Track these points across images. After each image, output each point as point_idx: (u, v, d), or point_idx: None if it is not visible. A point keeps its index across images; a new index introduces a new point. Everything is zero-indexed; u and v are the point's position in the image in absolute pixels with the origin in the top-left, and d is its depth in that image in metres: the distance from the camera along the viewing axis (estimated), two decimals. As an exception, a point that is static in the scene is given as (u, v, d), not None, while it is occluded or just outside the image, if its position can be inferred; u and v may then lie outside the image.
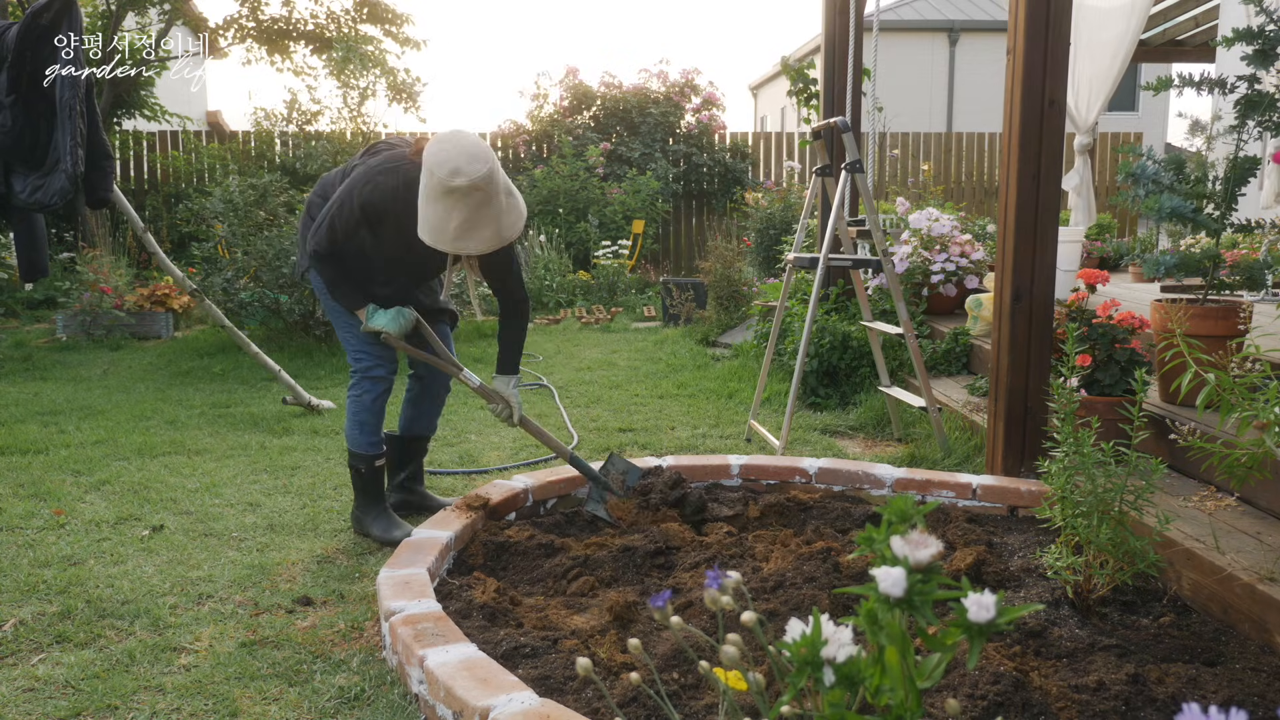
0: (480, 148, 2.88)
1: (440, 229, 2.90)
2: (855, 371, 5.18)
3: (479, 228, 2.90)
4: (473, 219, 2.88)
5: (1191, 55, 10.28)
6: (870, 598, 1.09)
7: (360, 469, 3.27)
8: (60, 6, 4.12)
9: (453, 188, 2.81)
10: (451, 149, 2.84)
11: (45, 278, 5.83)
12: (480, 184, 2.83)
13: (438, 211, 2.88)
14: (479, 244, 2.94)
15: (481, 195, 2.85)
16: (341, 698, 2.18)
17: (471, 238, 2.91)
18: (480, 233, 2.91)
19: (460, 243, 2.92)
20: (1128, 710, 1.93)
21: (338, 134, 10.68)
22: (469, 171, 2.81)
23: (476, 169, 2.82)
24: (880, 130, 7.66)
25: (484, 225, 2.90)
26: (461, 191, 2.82)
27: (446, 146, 2.85)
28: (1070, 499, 2.37)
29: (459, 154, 2.83)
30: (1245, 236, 6.02)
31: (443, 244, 2.93)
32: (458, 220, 2.87)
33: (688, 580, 2.58)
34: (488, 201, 2.87)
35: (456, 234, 2.89)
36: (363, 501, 3.28)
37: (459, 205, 2.85)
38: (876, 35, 5.48)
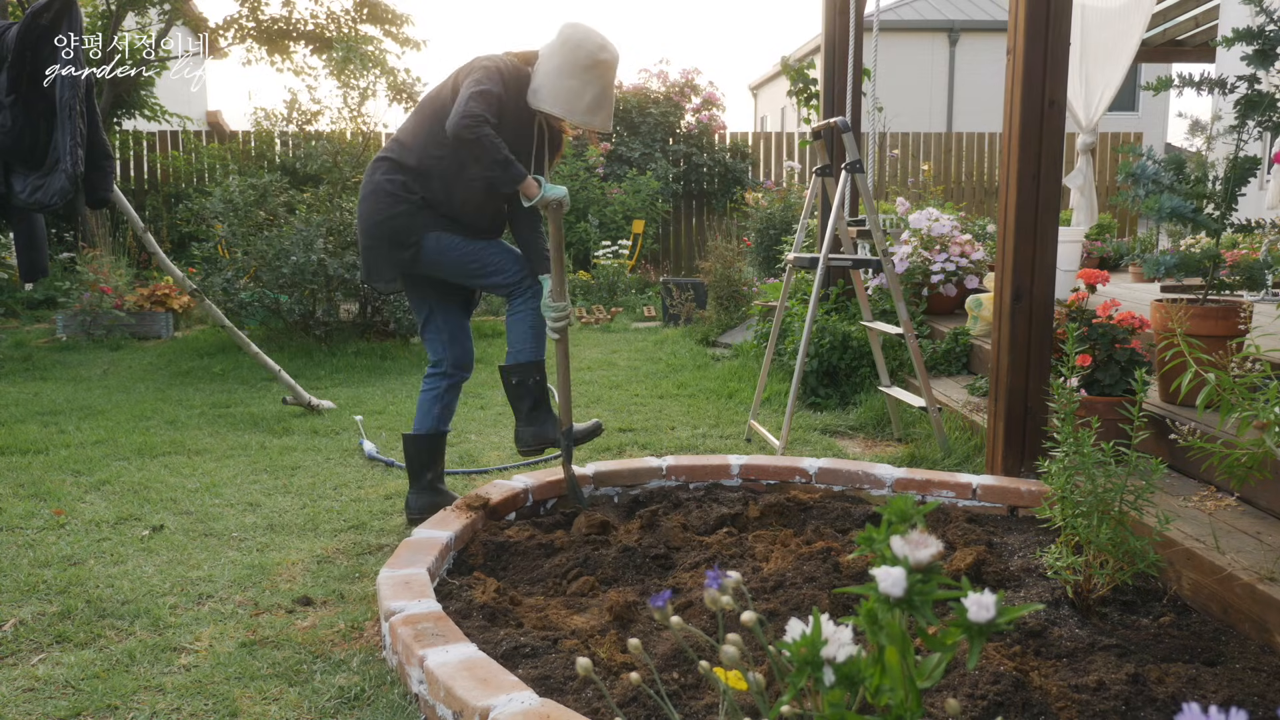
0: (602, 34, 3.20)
1: (574, 101, 3.15)
2: (855, 371, 5.18)
3: (604, 105, 3.20)
4: (603, 96, 3.18)
5: (1191, 55, 10.28)
6: (870, 598, 1.09)
7: (537, 378, 3.31)
8: (60, 6, 4.12)
9: (600, 59, 3.13)
10: (591, 31, 3.17)
11: (45, 278, 5.83)
12: (616, 63, 3.18)
13: (573, 86, 3.14)
14: (603, 120, 3.22)
15: (614, 75, 3.20)
16: (341, 698, 2.18)
17: (599, 114, 3.20)
18: (604, 110, 3.21)
19: (590, 116, 3.19)
20: (1128, 710, 1.93)
21: (338, 134, 10.67)
22: (612, 49, 3.16)
23: (616, 49, 3.18)
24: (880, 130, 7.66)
25: (607, 104, 3.21)
26: (605, 65, 3.14)
27: (585, 29, 3.17)
28: (1070, 499, 2.37)
29: (599, 34, 3.17)
30: (1245, 236, 6.02)
31: (575, 114, 3.17)
32: (592, 94, 3.16)
33: (688, 580, 2.58)
34: (612, 85, 3.21)
35: (589, 107, 3.17)
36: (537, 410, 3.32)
37: (597, 79, 3.15)
38: (876, 35, 5.48)
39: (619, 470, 3.48)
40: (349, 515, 3.44)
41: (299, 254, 6.62)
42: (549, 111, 3.17)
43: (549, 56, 3.18)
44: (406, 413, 5.06)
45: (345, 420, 4.88)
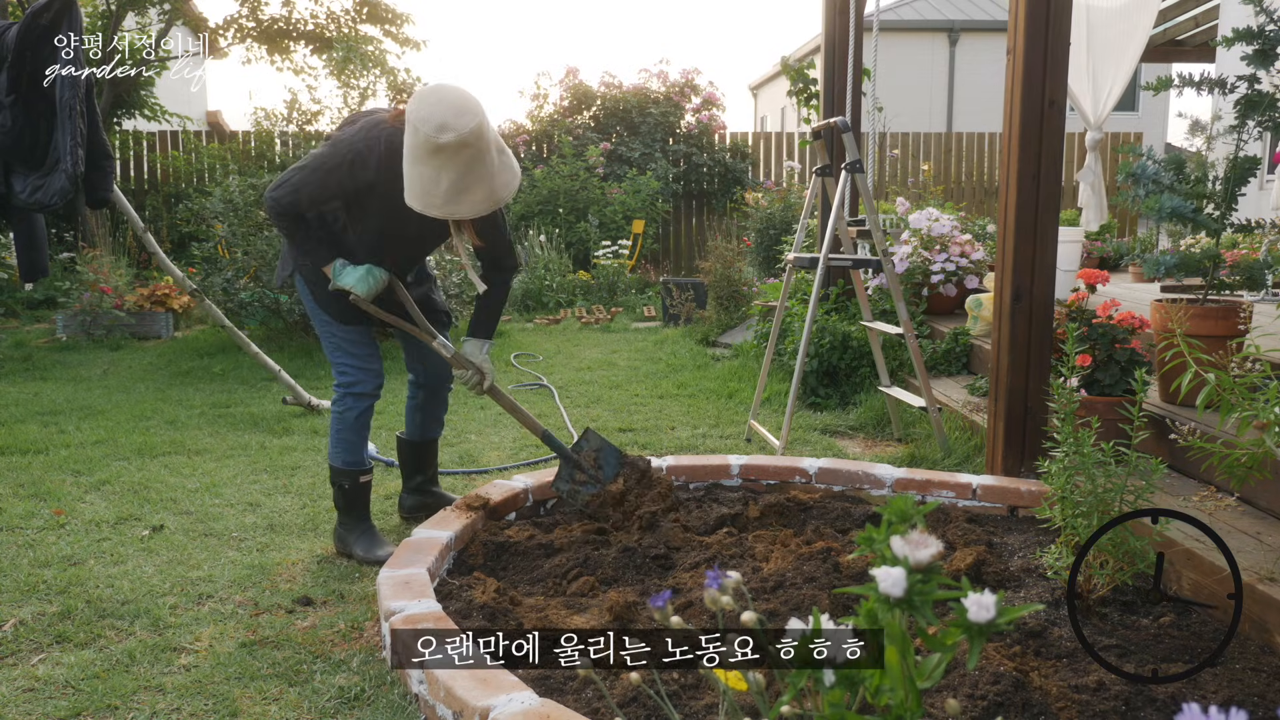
0: (467, 100, 2.66)
1: (429, 192, 2.68)
2: (855, 371, 5.18)
3: (471, 189, 2.69)
4: (464, 179, 2.66)
5: (1191, 55, 10.29)
6: (870, 598, 1.09)
7: (343, 485, 3.09)
8: (60, 6, 4.12)
9: (441, 145, 2.60)
10: (436, 104, 2.62)
11: (45, 278, 5.83)
12: (470, 139, 2.61)
13: (425, 174, 2.66)
14: (471, 207, 2.73)
15: (472, 152, 2.64)
16: (341, 698, 2.18)
17: (463, 200, 2.70)
18: (472, 195, 2.70)
19: (451, 206, 2.70)
20: (1128, 710, 1.93)
21: (338, 134, 10.69)
22: (457, 126, 2.60)
23: (465, 123, 2.61)
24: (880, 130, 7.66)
25: (476, 186, 2.69)
26: (451, 149, 2.61)
27: (431, 101, 2.63)
28: (1070, 499, 2.37)
29: (445, 108, 2.61)
30: (1245, 236, 6.02)
31: (433, 209, 2.70)
32: (448, 181, 2.66)
33: (688, 580, 2.58)
34: (479, 159, 2.66)
35: (447, 196, 2.68)
36: (346, 520, 3.10)
37: (449, 165, 2.64)
38: (876, 35, 5.48)
39: (619, 470, 3.48)
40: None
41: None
42: (412, 206, 2.73)
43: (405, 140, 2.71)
44: (406, 413, 5.05)
45: (345, 420, 4.88)
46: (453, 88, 2.71)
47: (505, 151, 2.81)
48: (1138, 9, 7.36)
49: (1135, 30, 7.41)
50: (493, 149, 2.72)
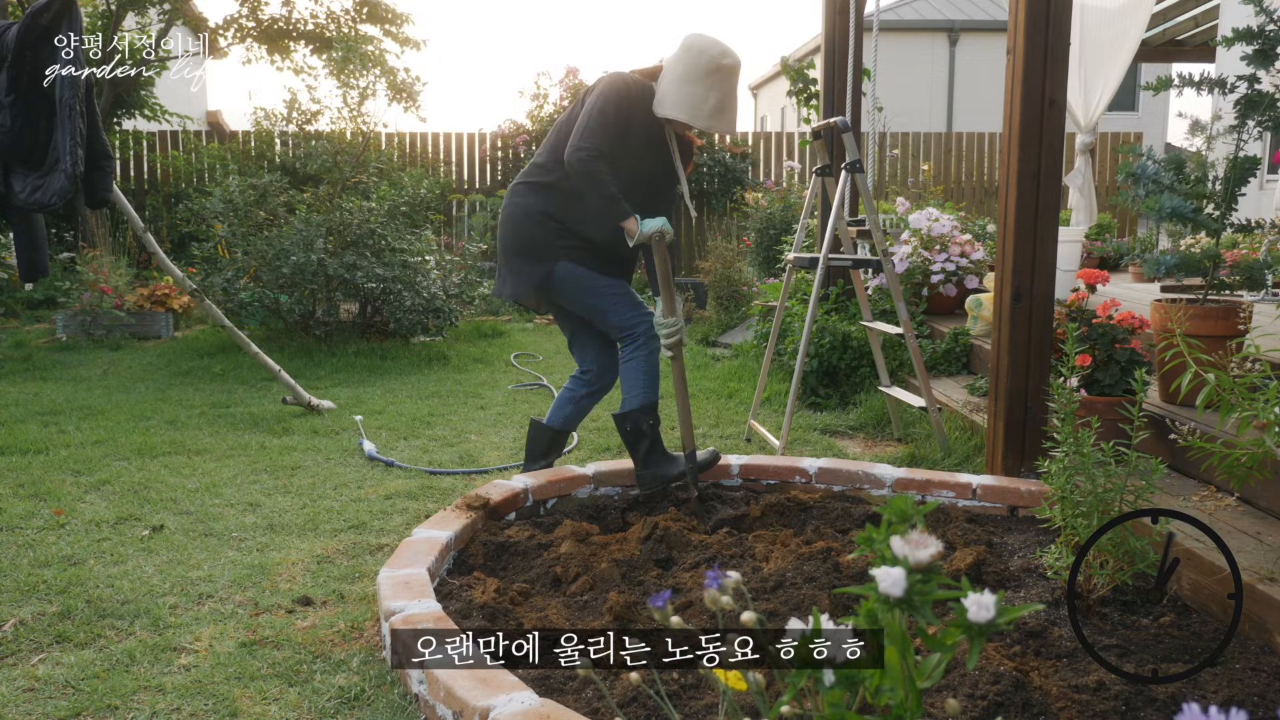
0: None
1: (698, 106, 3.20)
2: (855, 371, 5.18)
3: (728, 109, 3.25)
4: (726, 100, 3.23)
5: (1191, 55, 10.28)
6: (870, 598, 1.09)
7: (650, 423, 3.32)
8: (60, 6, 4.12)
9: (722, 65, 3.19)
10: (715, 40, 3.23)
11: (45, 278, 5.83)
12: (738, 68, 3.24)
13: (697, 91, 3.20)
14: (727, 123, 3.27)
15: (736, 80, 3.26)
16: (341, 698, 2.18)
17: (722, 117, 3.24)
18: (728, 114, 3.26)
19: (714, 120, 3.23)
20: (1128, 710, 1.93)
21: (338, 134, 10.67)
22: (734, 54, 3.22)
23: (738, 55, 3.23)
24: (880, 130, 7.66)
25: (731, 108, 3.27)
26: (727, 70, 3.20)
27: (709, 37, 3.24)
28: (1070, 499, 2.37)
29: (723, 43, 3.23)
30: (1245, 236, 6.01)
31: (699, 119, 3.21)
32: (715, 98, 3.21)
33: (688, 580, 2.58)
34: (736, 88, 3.28)
35: (712, 111, 3.22)
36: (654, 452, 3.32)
37: (720, 84, 3.21)
38: (876, 35, 5.48)
39: (619, 470, 3.48)
40: (349, 515, 3.44)
41: (299, 254, 6.62)
42: (673, 118, 3.22)
43: (672, 65, 3.25)
44: (406, 413, 5.06)
45: (345, 420, 4.88)
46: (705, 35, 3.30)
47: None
48: (1130, 12, 7.36)
49: (1127, 33, 7.40)
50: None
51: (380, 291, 6.85)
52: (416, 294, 6.96)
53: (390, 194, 8.15)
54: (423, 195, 8.94)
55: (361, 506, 3.54)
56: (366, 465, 4.11)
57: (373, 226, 7.00)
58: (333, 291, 6.96)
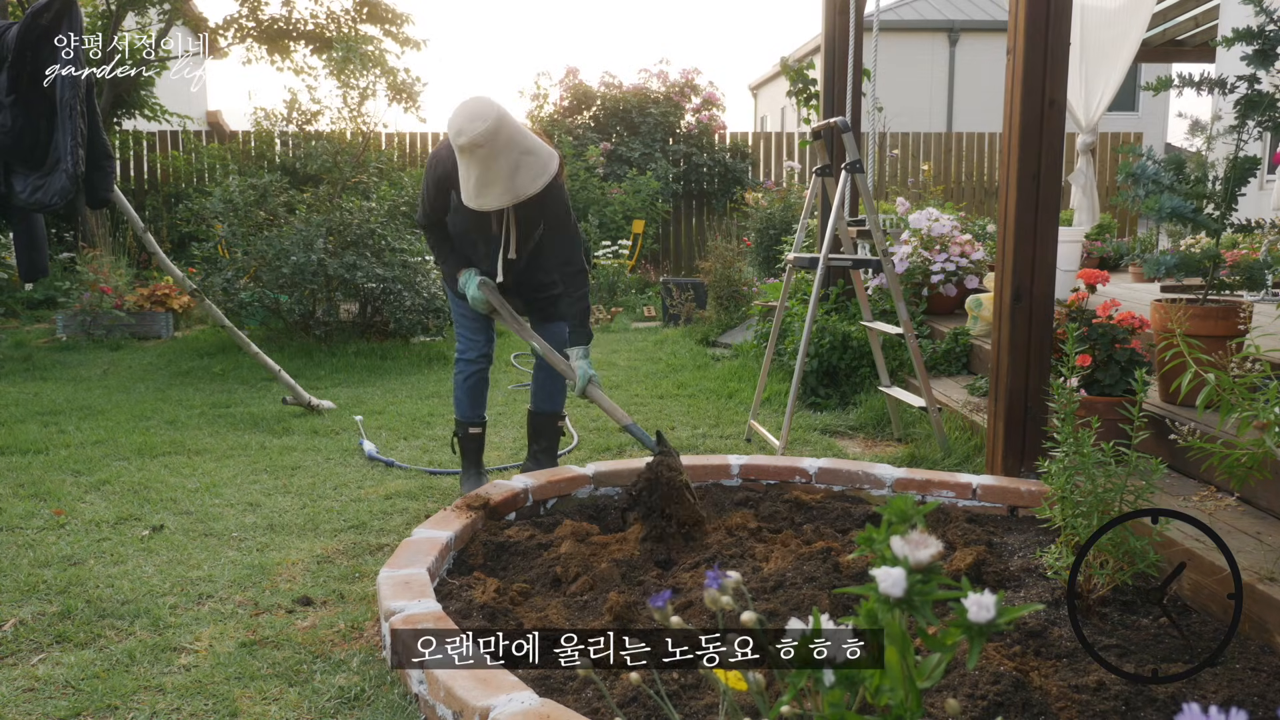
0: (484, 107, 3.08)
1: (465, 188, 3.15)
2: (855, 371, 5.18)
3: (491, 183, 3.11)
4: (484, 175, 3.09)
5: (1191, 55, 10.28)
6: (870, 598, 1.09)
7: (456, 433, 3.72)
8: (60, 6, 4.12)
9: (460, 146, 3.07)
10: (459, 111, 3.09)
11: (45, 278, 5.83)
12: (480, 140, 3.02)
13: (461, 172, 3.16)
14: (494, 199, 3.13)
15: (485, 152, 3.05)
16: (341, 698, 2.18)
17: (487, 193, 3.12)
18: (492, 189, 3.12)
19: (479, 199, 3.14)
20: (1128, 710, 1.93)
21: (338, 134, 10.67)
22: (469, 130, 3.03)
23: (475, 127, 3.02)
24: (880, 130, 7.66)
25: (495, 180, 3.10)
26: (467, 150, 3.06)
27: (457, 110, 3.11)
28: (1070, 499, 2.37)
29: (463, 115, 3.07)
30: (1245, 236, 6.01)
31: (469, 201, 3.16)
32: (473, 177, 3.11)
33: (688, 580, 2.58)
34: (493, 158, 3.06)
35: (474, 191, 3.13)
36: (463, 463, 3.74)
37: (469, 163, 3.09)
38: (876, 35, 5.48)
39: (619, 470, 3.48)
40: (349, 515, 3.44)
41: (299, 254, 6.62)
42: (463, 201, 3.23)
43: None
44: (407, 413, 5.06)
45: (345, 420, 4.88)
46: (477, 98, 3.15)
47: (533, 153, 3.18)
48: (1131, 12, 7.35)
49: (1128, 33, 7.40)
50: (513, 150, 3.11)
51: (380, 291, 6.85)
52: (416, 294, 6.96)
53: (390, 194, 8.15)
54: (423, 195, 8.95)
55: (361, 506, 3.54)
56: (366, 465, 4.11)
57: (373, 226, 7.00)
58: (333, 291, 6.96)
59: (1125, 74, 7.62)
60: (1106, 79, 7.64)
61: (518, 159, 3.11)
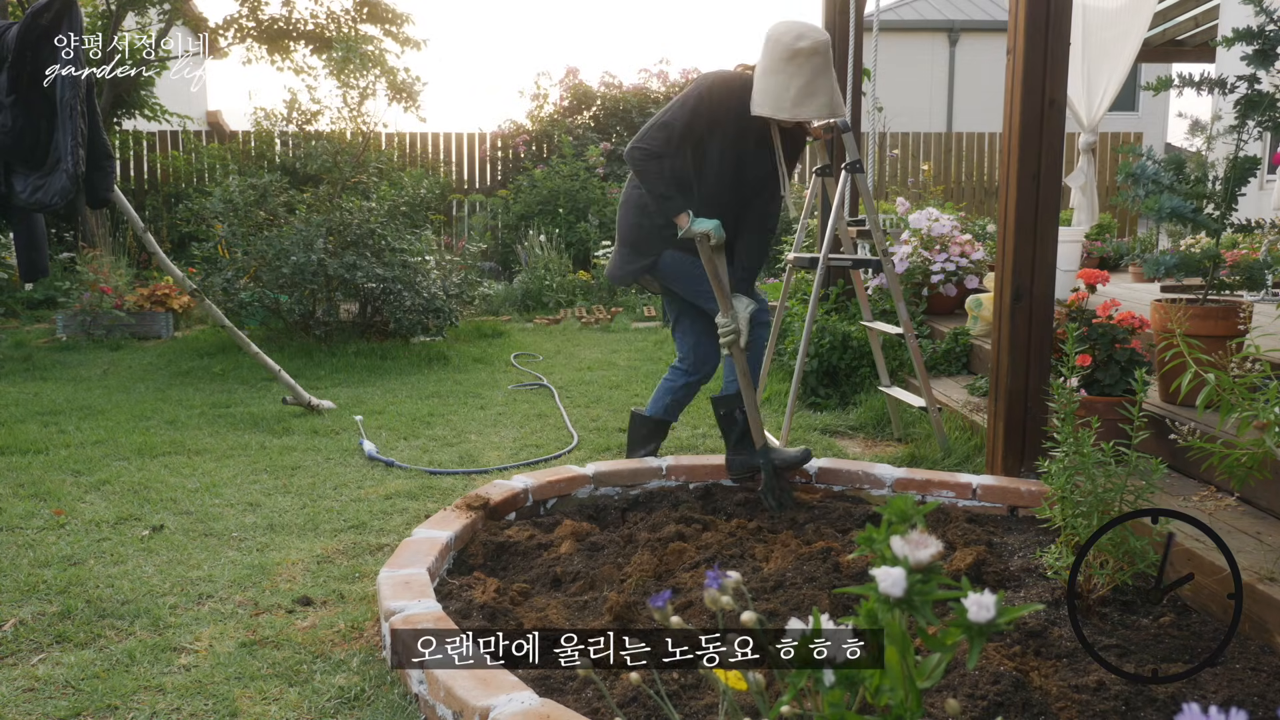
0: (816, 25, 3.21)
1: (780, 96, 3.12)
2: (855, 371, 5.18)
3: (816, 93, 3.13)
4: (811, 84, 3.11)
5: (1191, 55, 10.28)
6: (870, 598, 1.09)
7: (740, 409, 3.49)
8: (60, 6, 4.12)
9: (797, 50, 3.08)
10: (793, 22, 3.14)
11: (45, 278, 5.82)
12: (820, 48, 3.11)
13: (778, 81, 3.12)
14: (816, 108, 3.15)
15: (821, 60, 3.12)
16: (341, 698, 2.18)
17: (809, 103, 3.13)
18: (817, 98, 3.14)
19: (799, 108, 3.12)
20: (1128, 710, 1.93)
21: (338, 134, 10.68)
22: (812, 36, 3.10)
23: (818, 35, 3.11)
24: (880, 130, 7.66)
25: (820, 91, 3.14)
26: (805, 54, 3.09)
27: (787, 22, 3.15)
28: (1070, 499, 2.37)
29: (801, 24, 3.14)
30: (1245, 236, 6.01)
31: (782, 110, 3.13)
32: (798, 85, 3.10)
33: (688, 580, 2.58)
34: (825, 68, 3.13)
35: (795, 100, 3.11)
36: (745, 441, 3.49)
37: (801, 70, 3.10)
38: (876, 35, 5.48)
39: (619, 470, 3.48)
40: (349, 515, 3.44)
41: (299, 254, 6.62)
42: (760, 114, 3.18)
43: (759, 61, 3.23)
44: (407, 413, 5.06)
45: (345, 420, 4.88)
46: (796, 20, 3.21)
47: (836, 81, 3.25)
48: (1134, 11, 7.35)
49: (1131, 32, 7.40)
50: (831, 67, 3.19)
51: (380, 291, 6.85)
52: (416, 294, 6.96)
53: (390, 194, 8.15)
54: (423, 195, 8.95)
55: (361, 506, 3.54)
56: (366, 465, 4.11)
57: (373, 226, 7.00)
58: (333, 291, 6.96)
59: (1128, 74, 7.62)
60: (1109, 78, 7.64)
61: (834, 77, 3.21)
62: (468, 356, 6.78)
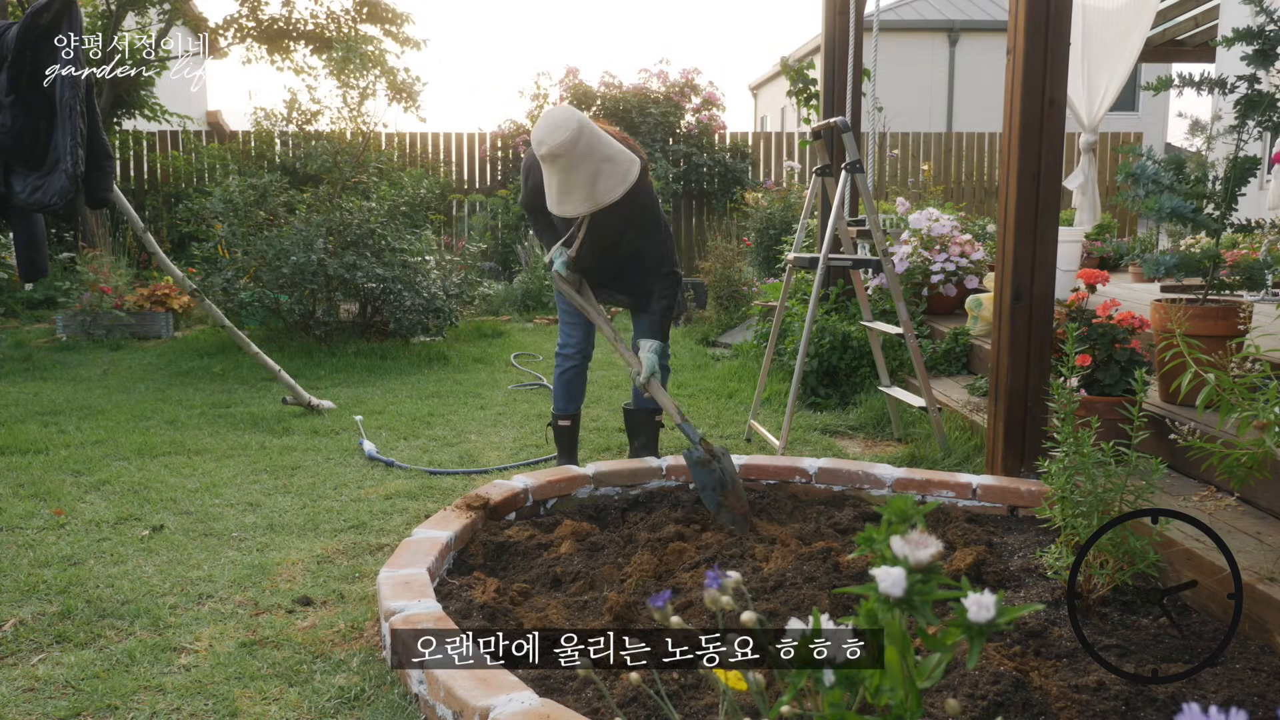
0: (565, 117, 3.17)
1: (548, 195, 3.27)
2: (855, 371, 5.18)
3: (571, 191, 3.21)
4: (564, 184, 3.20)
5: (1191, 55, 10.28)
6: (870, 598, 1.09)
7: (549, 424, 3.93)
8: (60, 6, 4.11)
9: (541, 156, 3.18)
10: (542, 122, 3.18)
11: (45, 278, 5.83)
12: (560, 151, 3.12)
13: (544, 179, 3.27)
14: (574, 206, 3.24)
15: (565, 161, 3.14)
16: (341, 698, 2.18)
17: (567, 201, 3.23)
18: (573, 195, 3.22)
19: (561, 206, 3.25)
20: (1128, 710, 1.93)
21: (338, 134, 10.68)
22: (549, 140, 3.13)
23: (555, 137, 3.12)
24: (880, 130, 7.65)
25: (575, 188, 3.20)
26: (547, 160, 3.17)
27: (540, 120, 3.20)
28: (1070, 499, 2.37)
29: (545, 125, 3.16)
30: (1245, 236, 6.01)
31: (552, 207, 3.28)
32: (554, 186, 3.22)
33: (688, 580, 2.58)
34: (572, 167, 3.16)
35: (556, 200, 3.25)
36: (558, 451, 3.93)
37: (550, 172, 3.20)
38: (876, 35, 5.48)
39: (619, 470, 3.48)
40: (349, 515, 3.44)
41: (299, 254, 6.62)
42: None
43: None
44: (407, 413, 5.06)
45: (345, 420, 4.88)
46: (560, 107, 3.28)
47: (611, 159, 3.25)
48: (1135, 11, 7.35)
49: (1132, 32, 7.39)
50: (589, 159, 3.18)
51: (380, 291, 6.85)
52: (416, 294, 6.96)
53: (390, 194, 8.14)
54: (423, 195, 8.94)
55: (361, 506, 3.54)
56: (366, 465, 4.11)
57: (373, 226, 7.00)
58: (333, 291, 6.96)
59: (1129, 74, 7.61)
60: (1109, 78, 7.63)
61: (598, 167, 3.19)
62: (468, 356, 6.78)
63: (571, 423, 3.88)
